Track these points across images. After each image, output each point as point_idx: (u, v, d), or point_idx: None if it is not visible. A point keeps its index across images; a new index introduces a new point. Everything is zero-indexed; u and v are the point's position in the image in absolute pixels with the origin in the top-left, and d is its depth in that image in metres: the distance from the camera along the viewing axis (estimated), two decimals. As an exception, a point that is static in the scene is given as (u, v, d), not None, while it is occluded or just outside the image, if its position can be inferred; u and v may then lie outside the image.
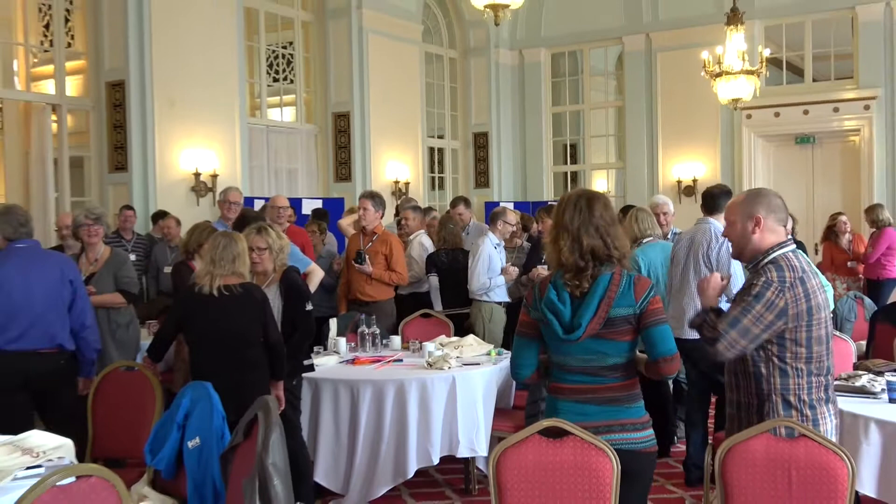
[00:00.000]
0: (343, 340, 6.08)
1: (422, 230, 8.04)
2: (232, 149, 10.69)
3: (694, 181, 14.04)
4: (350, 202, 10.86)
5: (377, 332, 6.19)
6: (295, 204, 9.25)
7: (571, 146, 16.19)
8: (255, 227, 5.13)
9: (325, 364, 5.61)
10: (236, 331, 4.52)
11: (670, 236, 6.96)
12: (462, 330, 6.91)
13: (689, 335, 5.80)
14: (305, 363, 5.16)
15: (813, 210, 13.04)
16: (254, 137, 11.51)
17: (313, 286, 6.04)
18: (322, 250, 8.10)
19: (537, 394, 5.04)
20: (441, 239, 7.70)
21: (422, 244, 7.80)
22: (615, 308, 3.00)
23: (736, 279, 5.45)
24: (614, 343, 3.04)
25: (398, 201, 11.03)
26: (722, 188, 5.94)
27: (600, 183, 16.20)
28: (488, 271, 7.02)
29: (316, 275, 6.27)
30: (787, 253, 3.20)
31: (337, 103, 12.60)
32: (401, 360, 5.77)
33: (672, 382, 6.39)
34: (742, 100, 11.18)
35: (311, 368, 5.27)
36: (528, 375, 3.29)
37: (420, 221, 8.15)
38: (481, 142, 15.50)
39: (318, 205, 10.54)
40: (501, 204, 10.53)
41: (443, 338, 6.23)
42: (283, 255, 5.10)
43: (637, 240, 6.32)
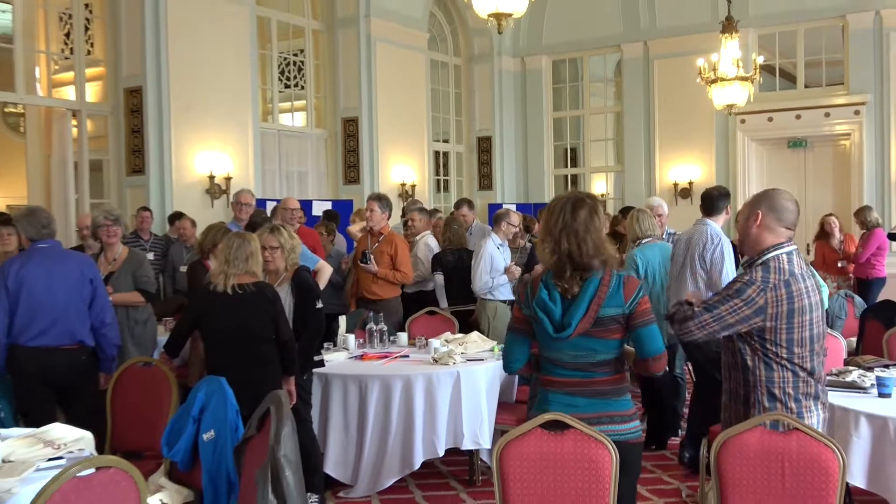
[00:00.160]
0: (352, 337, 6.08)
1: (428, 231, 8.04)
2: (245, 152, 10.70)
3: (690, 184, 14.03)
4: (358, 204, 10.86)
5: (384, 329, 6.20)
6: (305, 206, 9.25)
7: (572, 150, 16.18)
8: (269, 227, 5.16)
9: (335, 360, 5.61)
10: (249, 328, 4.53)
11: (665, 237, 6.95)
12: (466, 326, 6.91)
13: None
14: (316, 359, 5.16)
15: (805, 211, 12.93)
16: (266, 141, 11.52)
17: (322, 283, 6.04)
18: (332, 250, 8.11)
19: (538, 389, 5.03)
20: (446, 239, 7.71)
21: (428, 244, 7.80)
22: (605, 308, 3.00)
23: (728, 279, 5.46)
24: (603, 341, 3.04)
25: (405, 203, 11.03)
26: (721, 190, 5.91)
27: (599, 185, 16.20)
28: (491, 271, 7.00)
29: (325, 272, 6.27)
30: (781, 255, 3.17)
31: (346, 109, 12.61)
32: (407, 356, 5.77)
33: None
34: (736, 105, 11.18)
35: (321, 364, 5.27)
36: (519, 368, 3.33)
37: (426, 222, 8.14)
38: (485, 146, 15.50)
39: (328, 206, 10.55)
40: (504, 206, 10.51)
41: (448, 334, 6.23)
42: (295, 255, 5.10)
43: (637, 240, 6.31)
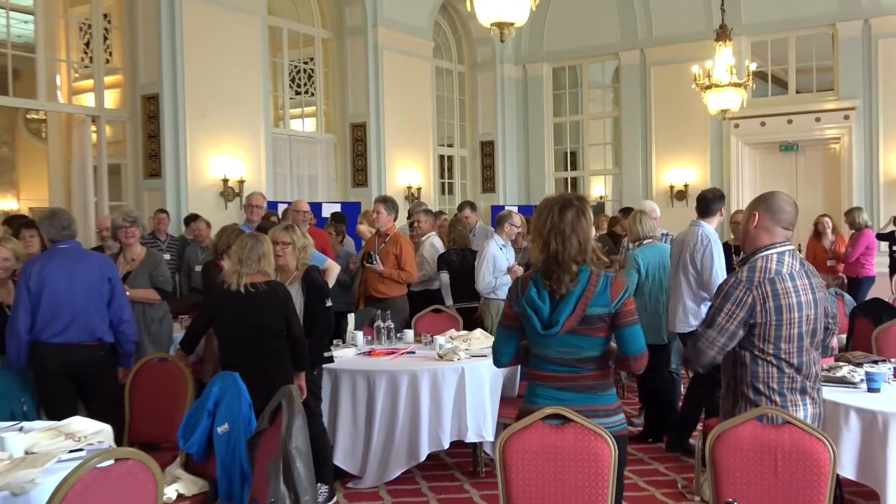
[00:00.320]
0: (360, 334, 6.08)
1: (433, 232, 8.04)
2: (257, 157, 10.72)
3: (685, 186, 14.03)
4: (366, 206, 10.85)
5: (391, 327, 6.19)
6: (315, 208, 9.26)
7: (571, 154, 16.18)
8: (284, 226, 5.23)
9: (344, 356, 5.62)
10: (262, 325, 4.53)
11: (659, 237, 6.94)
12: (471, 323, 6.91)
13: (680, 329, 5.82)
14: (325, 355, 5.16)
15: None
16: (277, 146, 11.53)
17: (330, 282, 6.03)
18: (340, 251, 8.11)
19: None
20: (451, 240, 7.71)
21: (433, 245, 7.80)
22: (591, 307, 2.99)
23: (717, 280, 5.46)
24: (589, 339, 3.03)
25: (411, 205, 11.03)
26: (715, 192, 5.89)
27: (598, 188, 16.21)
28: (494, 271, 7.00)
29: (333, 271, 6.26)
30: (771, 255, 3.15)
31: (354, 114, 12.62)
32: (413, 353, 5.77)
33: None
34: (730, 110, 11.16)
35: (331, 360, 5.27)
36: (507, 363, 3.34)
37: (431, 224, 8.15)
38: (488, 150, 15.51)
39: (337, 209, 10.55)
40: (507, 207, 10.53)
41: (452, 331, 6.23)
42: (306, 255, 5.11)
43: (639, 240, 6.30)
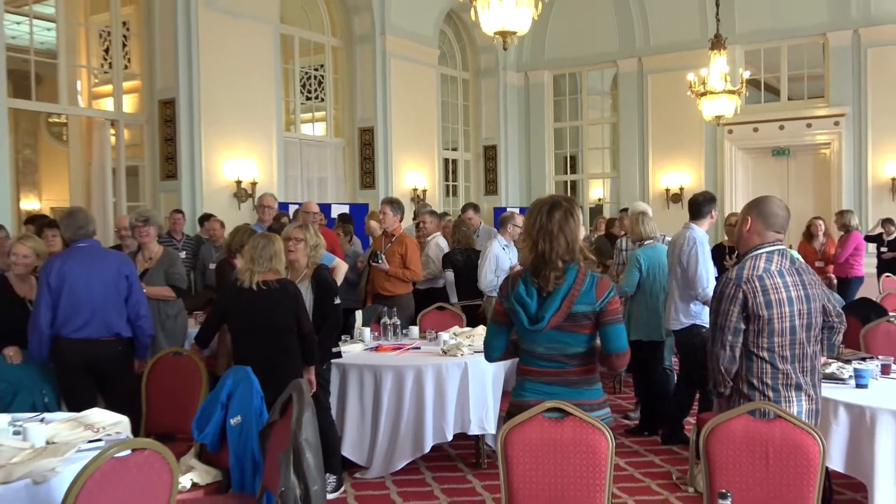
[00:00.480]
0: (367, 330, 6.08)
1: (438, 232, 8.04)
2: (269, 159, 10.73)
3: (681, 189, 14.02)
4: (373, 207, 10.86)
5: (398, 323, 6.19)
6: (325, 209, 9.27)
7: (571, 157, 16.18)
8: (298, 224, 5.23)
9: (352, 351, 5.62)
10: (273, 321, 4.53)
11: None
12: (474, 320, 6.91)
13: (671, 326, 5.82)
14: (334, 350, 5.16)
15: (788, 215, 12.95)
16: (288, 149, 11.55)
17: (339, 279, 6.03)
18: (349, 251, 8.11)
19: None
20: (455, 240, 7.70)
21: (438, 245, 7.80)
22: (577, 305, 3.00)
23: (701, 280, 5.46)
24: (575, 335, 3.04)
25: (416, 207, 11.04)
26: (705, 196, 5.88)
27: (597, 191, 16.21)
28: (496, 270, 7.00)
29: (340, 269, 6.25)
30: (761, 254, 3.19)
31: (362, 119, 12.63)
32: (418, 348, 5.77)
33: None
34: (724, 116, 11.16)
35: (339, 355, 5.27)
36: (498, 357, 3.31)
37: (436, 225, 8.14)
38: (491, 154, 15.51)
39: (346, 210, 10.57)
40: (508, 209, 10.52)
41: (456, 328, 6.22)
42: (317, 254, 5.10)
43: (640, 241, 6.28)
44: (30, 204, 14.86)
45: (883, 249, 10.87)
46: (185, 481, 3.77)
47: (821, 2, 12.93)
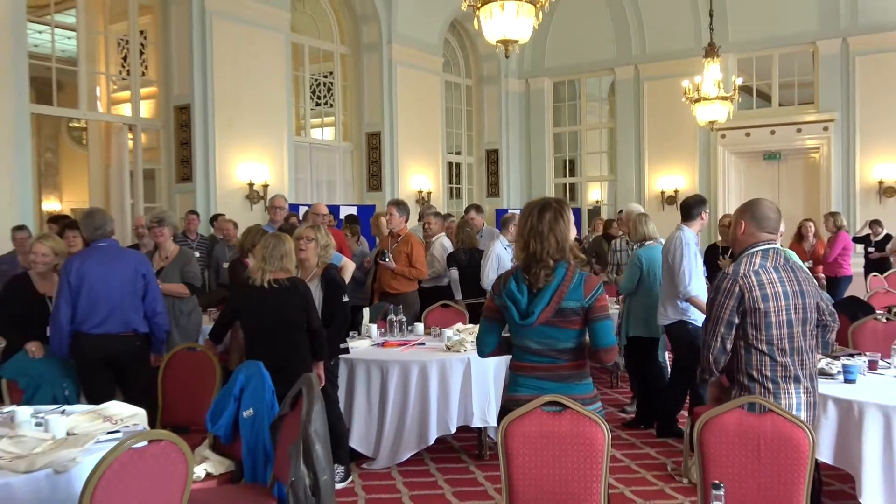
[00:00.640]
0: (374, 327, 6.07)
1: (442, 233, 8.04)
2: (280, 163, 10.74)
3: (675, 192, 14.01)
4: (380, 209, 10.88)
5: (403, 320, 6.19)
6: (333, 210, 9.27)
7: (570, 161, 16.17)
8: (310, 224, 5.23)
9: (359, 347, 5.61)
10: (283, 318, 4.53)
11: None
12: (477, 317, 6.88)
13: (660, 321, 5.82)
14: (342, 346, 5.16)
15: (779, 217, 12.92)
16: (299, 153, 11.56)
17: (346, 278, 6.03)
18: (356, 250, 8.12)
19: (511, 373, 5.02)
20: (459, 240, 7.70)
21: (442, 245, 7.80)
22: (566, 301, 2.99)
23: (683, 278, 5.45)
24: (564, 330, 3.02)
25: (421, 208, 11.04)
26: (696, 198, 5.88)
27: (594, 193, 16.20)
28: (499, 269, 7.00)
29: (348, 268, 6.25)
30: (756, 251, 3.20)
31: (370, 124, 12.64)
32: (423, 344, 5.76)
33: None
34: (717, 122, 11.14)
35: (347, 351, 5.27)
36: (490, 352, 3.28)
37: (440, 225, 8.14)
38: (493, 157, 15.51)
39: (353, 211, 10.58)
40: (510, 211, 10.51)
41: (459, 325, 6.21)
42: (327, 254, 5.09)
43: (641, 241, 6.27)
44: (51, 205, 14.89)
45: (870, 250, 10.86)
46: (200, 471, 3.78)
47: (811, 12, 12.91)
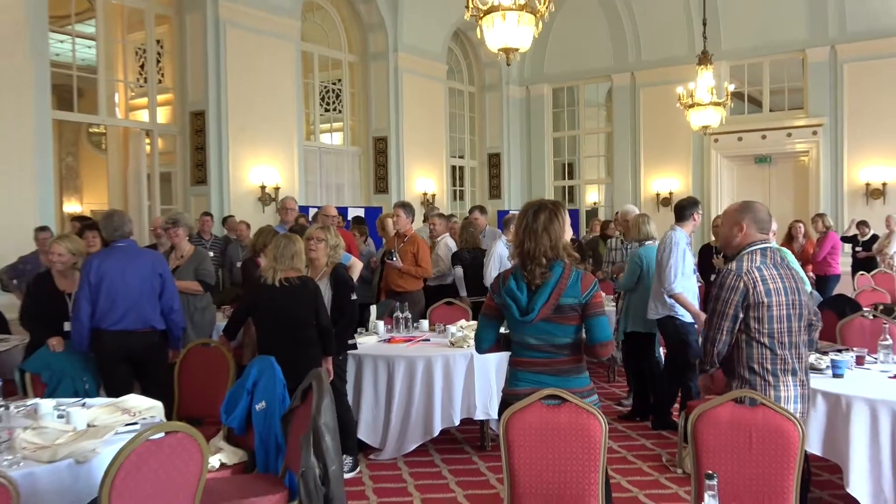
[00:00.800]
0: (381, 323, 6.07)
1: (446, 233, 8.04)
2: (291, 166, 10.75)
3: (670, 194, 13.99)
4: (387, 210, 10.88)
5: (409, 317, 6.19)
6: (342, 212, 9.28)
7: (569, 164, 16.16)
8: (319, 226, 5.24)
9: (367, 342, 5.62)
10: (294, 315, 4.54)
11: None
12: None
13: (650, 315, 5.81)
14: (350, 342, 5.16)
15: (769, 218, 12.89)
16: (309, 157, 11.57)
17: (354, 276, 6.02)
18: (364, 250, 8.12)
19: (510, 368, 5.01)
20: (463, 240, 7.70)
21: (447, 245, 7.80)
22: (564, 297, 2.99)
23: (669, 276, 5.45)
24: (562, 326, 3.02)
25: (426, 210, 11.03)
26: (689, 200, 5.89)
27: (592, 195, 16.18)
28: (500, 268, 6.99)
29: (356, 267, 6.24)
30: (755, 250, 3.20)
31: (376, 129, 12.65)
32: (428, 340, 5.76)
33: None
34: (710, 127, 11.11)
35: (355, 346, 5.27)
36: (488, 348, 3.28)
37: (444, 226, 8.13)
38: (495, 161, 15.51)
39: (361, 213, 10.58)
40: (511, 212, 10.49)
41: (463, 322, 6.21)
42: (336, 254, 5.09)
43: (641, 241, 6.26)
44: (72, 207, 14.92)
45: (858, 249, 10.84)
46: (214, 461, 3.79)
47: (800, 20, 12.88)
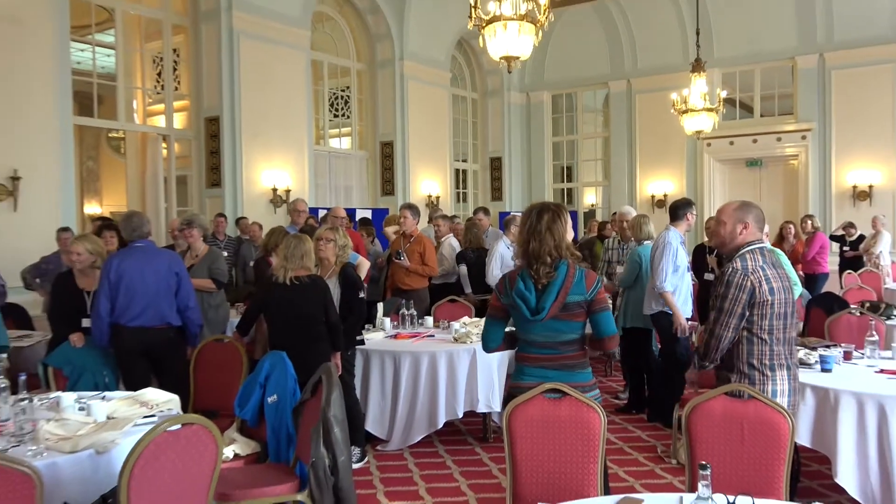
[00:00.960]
0: (388, 320, 6.09)
1: (450, 234, 8.04)
2: (301, 170, 10.75)
3: (665, 196, 13.96)
4: (393, 211, 10.88)
5: (414, 314, 6.20)
6: (350, 213, 9.27)
7: (567, 168, 16.14)
8: (329, 226, 5.23)
9: (374, 338, 5.63)
10: (304, 312, 4.53)
11: None
12: (484, 311, 6.88)
13: (645, 311, 5.81)
14: (358, 338, 5.17)
15: (760, 219, 12.86)
16: (318, 161, 11.56)
17: (362, 275, 6.02)
18: (371, 250, 8.12)
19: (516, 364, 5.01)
20: (468, 240, 7.72)
21: (451, 245, 7.81)
22: (571, 295, 3.00)
23: (659, 274, 5.44)
24: (569, 323, 3.03)
25: (430, 211, 11.03)
26: (683, 201, 5.89)
27: (590, 197, 16.15)
28: (502, 267, 7.00)
29: (363, 267, 6.23)
30: (755, 249, 3.17)
31: (383, 134, 12.64)
32: (433, 336, 5.77)
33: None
34: (703, 131, 11.10)
35: (362, 342, 5.28)
36: (495, 348, 3.27)
37: (448, 227, 8.15)
38: (496, 164, 15.49)
39: (368, 214, 10.58)
40: (512, 213, 10.49)
41: (466, 318, 6.22)
42: (345, 254, 5.09)
43: (641, 240, 6.26)
44: (92, 209, 14.96)
45: (845, 249, 10.81)
46: (228, 452, 3.80)
47: (790, 29, 12.85)
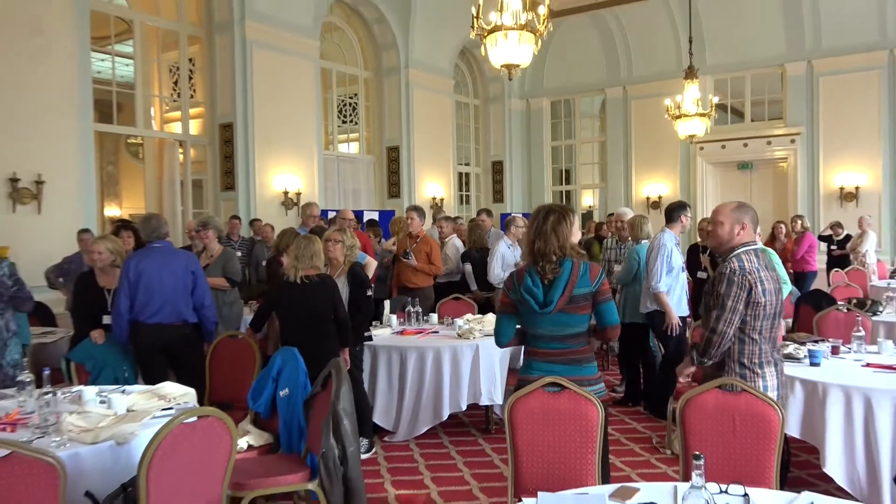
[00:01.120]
0: (394, 317, 6.09)
1: (454, 234, 8.04)
2: (311, 173, 10.76)
3: (659, 198, 13.94)
4: (399, 213, 10.88)
5: (420, 311, 6.20)
6: (358, 215, 9.28)
7: (566, 171, 16.12)
8: (338, 227, 5.23)
9: (381, 335, 5.63)
10: (314, 310, 4.54)
11: None
12: (486, 308, 6.90)
13: (641, 309, 5.80)
14: (366, 334, 5.17)
15: (751, 219, 12.83)
16: (327, 165, 11.57)
17: (369, 274, 6.03)
18: (378, 250, 8.13)
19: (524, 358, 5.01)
20: (471, 241, 7.73)
21: (455, 245, 7.81)
22: (577, 288, 3.02)
23: (653, 274, 5.43)
24: (576, 316, 3.04)
25: (434, 213, 11.04)
26: (679, 203, 5.88)
27: (587, 199, 16.14)
28: (503, 266, 6.99)
29: (371, 266, 6.25)
30: (750, 250, 3.16)
31: (389, 139, 12.65)
32: (437, 332, 5.77)
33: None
34: (696, 136, 11.09)
35: (370, 338, 5.28)
36: (507, 342, 3.28)
37: (452, 228, 8.15)
38: (498, 168, 15.49)
39: (375, 216, 10.59)
40: (512, 214, 10.49)
41: (469, 315, 6.22)
42: (353, 254, 5.09)
43: (639, 240, 6.25)
44: (112, 211, 15.00)
45: (833, 248, 10.78)
46: (242, 443, 3.80)
47: (779, 37, 12.82)
